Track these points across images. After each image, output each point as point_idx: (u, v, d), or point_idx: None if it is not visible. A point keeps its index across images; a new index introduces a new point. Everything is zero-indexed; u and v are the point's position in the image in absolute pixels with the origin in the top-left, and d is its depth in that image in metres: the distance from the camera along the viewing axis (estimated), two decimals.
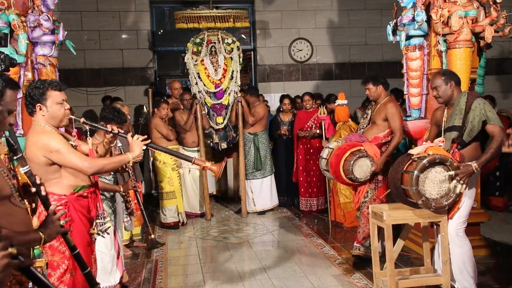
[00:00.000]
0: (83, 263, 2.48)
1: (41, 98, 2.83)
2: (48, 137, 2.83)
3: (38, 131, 2.86)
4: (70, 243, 2.40)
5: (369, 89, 4.75)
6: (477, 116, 3.53)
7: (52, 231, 2.08)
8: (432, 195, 3.51)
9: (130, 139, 3.04)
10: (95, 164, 2.87)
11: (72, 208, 2.92)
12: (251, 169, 6.98)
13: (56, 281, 2.91)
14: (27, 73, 4.47)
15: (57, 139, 2.84)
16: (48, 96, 2.84)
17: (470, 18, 4.42)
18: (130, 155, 2.98)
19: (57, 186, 2.89)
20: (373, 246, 3.99)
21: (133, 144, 3.01)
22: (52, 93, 2.85)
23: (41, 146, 2.79)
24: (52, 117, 2.87)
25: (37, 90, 2.83)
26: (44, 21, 4.47)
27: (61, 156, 2.80)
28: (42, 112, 2.85)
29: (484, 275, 4.21)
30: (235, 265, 4.94)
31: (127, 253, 5.38)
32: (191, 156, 3.39)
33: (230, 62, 6.86)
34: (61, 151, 2.79)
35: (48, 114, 2.85)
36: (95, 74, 8.85)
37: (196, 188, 6.88)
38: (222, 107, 6.95)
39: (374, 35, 9.33)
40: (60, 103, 2.88)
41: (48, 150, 2.79)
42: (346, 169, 4.48)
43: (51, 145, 2.79)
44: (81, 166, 2.82)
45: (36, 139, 2.82)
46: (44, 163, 2.82)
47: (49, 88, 2.84)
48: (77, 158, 2.83)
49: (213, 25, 6.76)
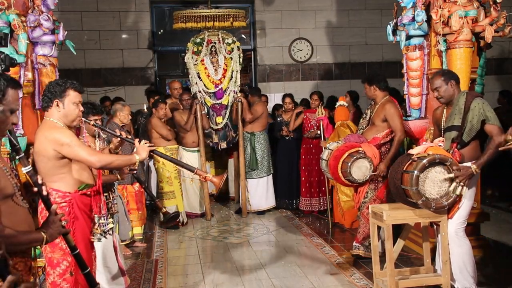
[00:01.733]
0: (83, 263, 2.50)
1: (60, 95, 2.94)
2: (59, 131, 2.92)
3: (50, 126, 2.95)
4: (71, 243, 2.41)
5: (365, 88, 4.79)
6: (476, 116, 3.53)
7: (53, 231, 2.09)
8: (432, 195, 3.51)
9: (137, 144, 3.17)
10: (104, 159, 2.99)
11: (75, 206, 2.99)
12: (247, 169, 6.95)
13: (58, 279, 2.92)
14: (27, 73, 4.47)
15: (67, 133, 2.94)
16: (68, 94, 2.95)
17: (470, 18, 4.42)
18: (137, 156, 3.10)
19: (62, 182, 2.96)
20: (373, 246, 3.99)
21: (140, 149, 3.15)
22: (71, 92, 2.97)
23: (51, 139, 2.88)
24: (66, 115, 2.97)
25: (58, 86, 2.95)
26: (44, 21, 4.47)
27: (71, 149, 2.88)
28: (58, 108, 2.96)
29: (484, 275, 4.21)
30: (235, 265, 4.94)
31: (127, 253, 5.38)
32: (193, 166, 3.48)
33: (230, 62, 6.86)
34: (71, 144, 2.88)
35: (63, 112, 2.96)
36: (95, 74, 8.85)
37: (196, 188, 6.88)
38: (222, 107, 6.95)
39: (374, 35, 9.33)
40: (76, 104, 2.99)
41: (59, 143, 2.87)
42: (344, 170, 4.47)
43: (62, 139, 2.88)
44: (90, 159, 2.91)
45: (47, 133, 2.91)
46: (53, 156, 2.89)
47: (70, 87, 2.97)
48: (86, 151, 2.93)
49: (211, 24, 6.74)
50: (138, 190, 5.55)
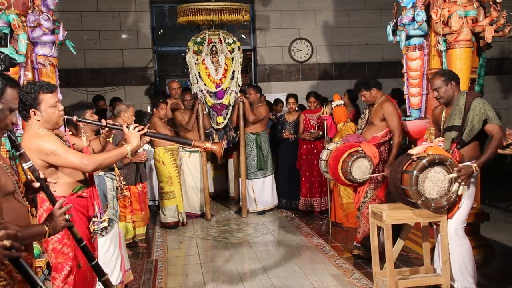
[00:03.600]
0: (91, 255, 2.50)
1: (34, 103, 2.76)
2: (42, 140, 2.78)
3: (32, 134, 2.81)
4: (77, 235, 2.40)
5: (363, 95, 4.79)
6: (477, 116, 3.53)
7: (57, 224, 2.10)
8: (431, 195, 3.51)
9: (126, 130, 2.96)
10: (94, 160, 2.83)
11: (72, 209, 2.92)
12: (253, 169, 6.97)
13: (61, 283, 2.92)
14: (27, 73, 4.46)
15: (51, 140, 2.80)
16: (41, 100, 2.77)
17: (470, 18, 4.42)
18: (128, 146, 2.91)
19: (56, 187, 2.85)
20: (373, 246, 3.99)
21: (130, 135, 2.94)
22: (44, 97, 2.78)
23: (35, 149, 2.74)
24: (47, 121, 2.82)
25: (28, 95, 2.75)
26: (44, 21, 4.46)
27: (59, 157, 2.76)
28: (36, 117, 2.79)
29: (484, 275, 4.21)
30: (235, 265, 4.94)
31: (128, 252, 5.38)
32: (189, 139, 3.28)
33: (231, 62, 6.86)
34: (57, 152, 2.76)
35: (43, 119, 2.80)
36: (95, 74, 8.85)
37: (196, 188, 6.88)
38: (223, 107, 6.95)
39: (374, 35, 9.32)
40: (54, 106, 2.82)
41: (44, 153, 2.75)
42: (344, 170, 4.47)
43: (46, 147, 2.75)
44: (80, 164, 2.79)
45: (30, 143, 2.76)
46: (40, 166, 2.75)
47: (40, 91, 2.77)
48: (75, 156, 2.80)
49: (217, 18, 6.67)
50: (141, 191, 5.55)
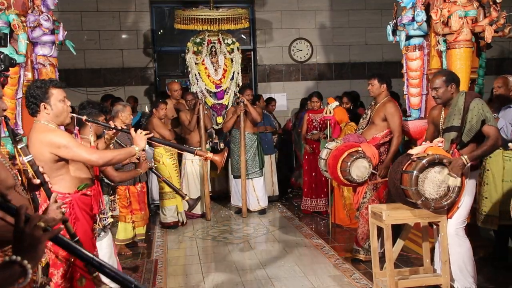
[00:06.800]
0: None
1: (44, 96, 2.85)
2: (55, 133, 2.86)
3: (43, 129, 2.88)
4: (70, 230, 2.44)
5: (373, 84, 4.70)
6: (476, 116, 3.53)
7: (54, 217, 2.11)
8: (431, 195, 3.51)
9: (134, 134, 3.11)
10: (104, 156, 2.95)
11: (76, 207, 2.97)
12: (255, 168, 6.98)
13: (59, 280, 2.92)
14: (27, 73, 4.47)
15: (63, 134, 2.90)
16: (51, 94, 2.86)
17: (470, 18, 4.42)
18: (137, 147, 3.06)
19: (61, 184, 2.93)
20: (372, 246, 3.99)
21: (137, 138, 3.09)
22: (54, 91, 2.88)
23: (47, 143, 2.82)
24: (57, 115, 2.90)
25: (39, 89, 2.85)
26: (44, 21, 4.47)
27: (70, 150, 2.84)
28: (46, 111, 2.87)
29: (483, 275, 4.21)
30: (235, 265, 4.94)
31: (127, 253, 5.38)
32: (193, 148, 3.43)
33: (230, 63, 6.87)
34: (69, 146, 2.83)
35: (53, 112, 2.88)
36: (95, 74, 8.86)
37: (197, 189, 6.88)
38: (223, 107, 6.96)
39: (374, 35, 9.33)
40: (63, 100, 2.91)
41: (55, 146, 2.82)
42: (343, 170, 4.47)
43: (58, 141, 2.83)
44: (91, 158, 2.88)
45: (41, 136, 2.83)
46: (50, 160, 2.84)
47: (51, 86, 2.87)
48: (86, 151, 2.89)
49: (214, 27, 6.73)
50: (140, 191, 5.54)
